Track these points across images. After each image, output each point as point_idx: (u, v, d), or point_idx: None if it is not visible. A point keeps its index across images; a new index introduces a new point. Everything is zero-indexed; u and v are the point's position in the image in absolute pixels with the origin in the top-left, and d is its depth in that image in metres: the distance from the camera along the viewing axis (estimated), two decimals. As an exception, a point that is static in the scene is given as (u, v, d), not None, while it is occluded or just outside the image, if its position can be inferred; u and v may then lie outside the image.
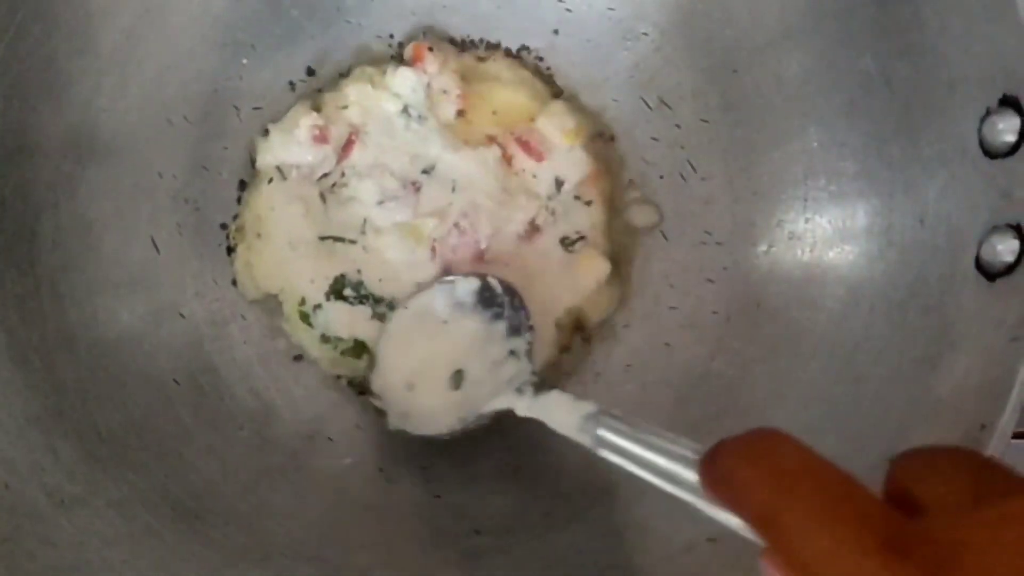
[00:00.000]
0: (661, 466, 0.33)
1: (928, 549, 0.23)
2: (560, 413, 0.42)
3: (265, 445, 0.51)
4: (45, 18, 0.47)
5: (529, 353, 0.49)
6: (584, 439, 0.39)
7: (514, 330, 0.50)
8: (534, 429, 0.53)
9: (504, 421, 0.52)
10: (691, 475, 0.30)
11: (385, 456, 0.52)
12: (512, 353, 0.50)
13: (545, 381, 0.47)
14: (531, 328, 0.50)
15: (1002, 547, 0.23)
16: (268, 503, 0.49)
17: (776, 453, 0.26)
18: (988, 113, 0.41)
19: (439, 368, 0.51)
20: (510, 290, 0.51)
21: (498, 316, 0.51)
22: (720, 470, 0.28)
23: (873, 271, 0.47)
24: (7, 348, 0.45)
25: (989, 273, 0.41)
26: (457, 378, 0.50)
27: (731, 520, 0.28)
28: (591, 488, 0.50)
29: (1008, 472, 0.26)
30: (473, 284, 0.52)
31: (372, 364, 0.53)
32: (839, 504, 0.24)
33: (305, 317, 0.53)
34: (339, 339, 0.53)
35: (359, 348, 0.54)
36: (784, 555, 0.25)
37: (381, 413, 0.51)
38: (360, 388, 0.54)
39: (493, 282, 0.51)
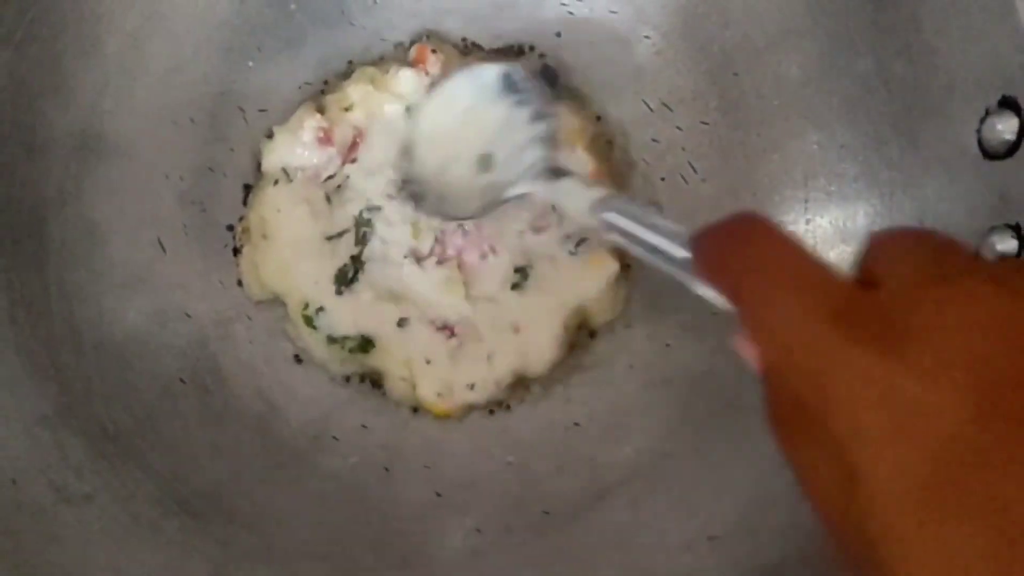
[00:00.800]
0: (659, 245, 0.35)
1: (879, 319, 0.24)
2: (573, 197, 0.44)
3: (270, 444, 0.52)
4: (53, 21, 0.48)
5: (551, 140, 0.50)
6: (592, 221, 0.41)
7: (537, 116, 0.51)
8: (535, 428, 0.53)
9: (505, 418, 0.52)
10: (683, 253, 0.33)
11: (390, 455, 0.53)
12: (535, 139, 0.50)
13: (560, 168, 0.48)
14: (554, 115, 0.51)
15: (952, 323, 0.23)
16: (273, 502, 0.49)
17: (752, 233, 0.28)
18: (987, 114, 0.41)
19: (468, 151, 0.52)
20: (533, 78, 0.52)
21: (523, 102, 0.51)
22: (703, 248, 0.31)
23: (873, 272, 0.47)
24: (15, 347, 0.46)
25: (988, 274, 0.41)
26: (485, 161, 0.51)
27: (716, 297, 0.30)
28: (592, 488, 0.50)
29: (968, 253, 0.27)
30: (496, 70, 0.52)
31: (407, 154, 0.53)
32: (799, 277, 0.26)
33: (309, 320, 0.54)
34: (345, 337, 0.54)
35: (366, 343, 0.54)
36: (748, 323, 0.27)
37: (416, 199, 0.52)
38: (373, 381, 0.54)
39: (514, 69, 0.52)
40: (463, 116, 0.52)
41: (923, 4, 0.44)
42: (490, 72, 0.52)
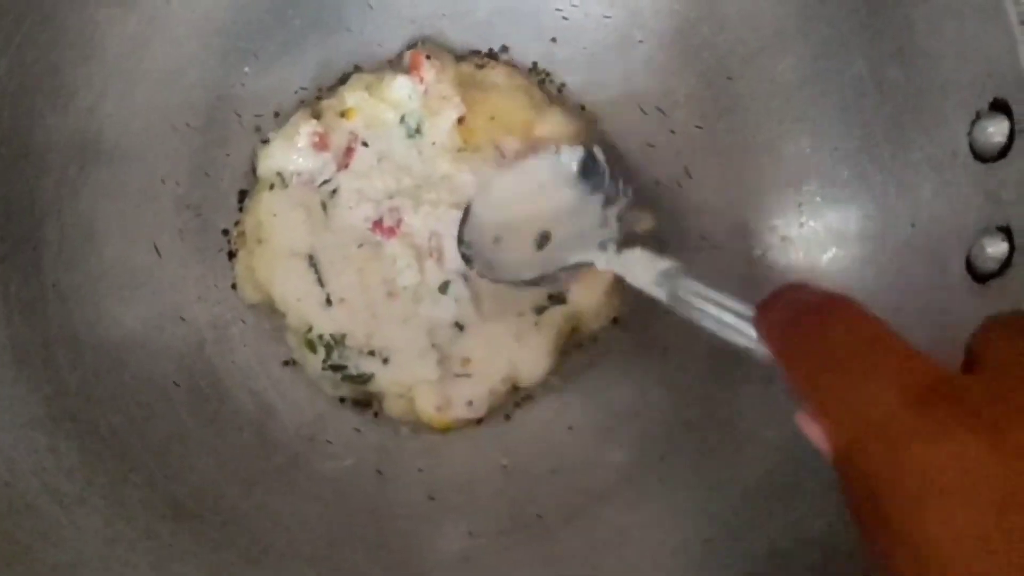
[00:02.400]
0: (726, 322, 0.36)
1: (970, 401, 0.22)
2: (639, 268, 0.44)
3: (265, 447, 0.52)
4: (51, 26, 0.48)
5: (620, 218, 0.50)
6: (660, 294, 0.42)
7: (609, 201, 0.51)
8: (529, 431, 0.53)
9: (499, 422, 0.52)
10: (752, 333, 0.33)
11: (383, 458, 0.53)
12: (604, 222, 0.50)
13: (628, 240, 0.48)
14: (628, 195, 0.51)
15: None
16: (267, 504, 0.49)
17: (829, 312, 0.27)
18: (978, 117, 0.41)
19: (527, 228, 0.52)
20: (611, 160, 0.52)
21: (597, 187, 0.52)
22: (773, 324, 0.30)
23: (865, 274, 0.47)
24: (11, 350, 0.46)
25: (979, 275, 0.41)
26: (543, 240, 0.51)
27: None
28: (586, 491, 0.50)
29: None
30: (578, 154, 0.52)
31: (465, 216, 0.53)
32: (883, 358, 0.24)
33: (311, 345, 0.54)
34: (344, 367, 0.54)
35: (364, 377, 0.54)
36: (820, 404, 0.25)
37: (467, 260, 0.52)
38: (364, 403, 0.55)
39: (597, 152, 0.52)
40: (532, 195, 0.53)
41: (916, 7, 0.44)
42: (571, 156, 0.52)
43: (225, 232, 0.55)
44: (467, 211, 0.53)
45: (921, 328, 0.43)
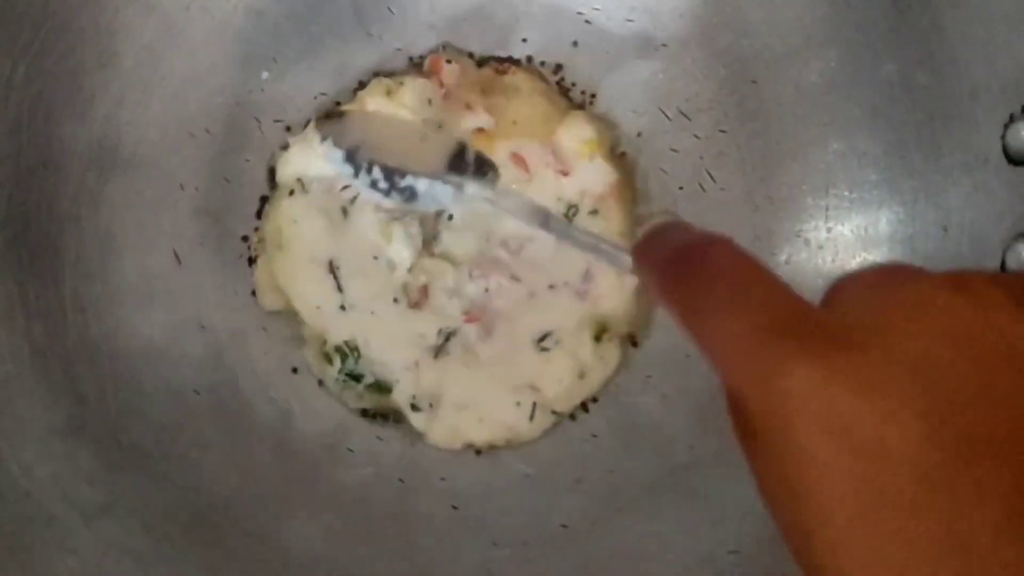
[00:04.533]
0: (604, 249, 0.37)
1: (826, 333, 0.22)
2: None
3: (285, 456, 0.51)
4: (69, 34, 0.48)
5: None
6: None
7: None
8: (552, 440, 0.53)
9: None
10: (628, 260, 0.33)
11: (405, 467, 0.52)
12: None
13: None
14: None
15: (900, 330, 0.22)
16: (287, 514, 0.49)
17: (696, 251, 0.27)
18: (1012, 120, 0.41)
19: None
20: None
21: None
22: (645, 258, 0.30)
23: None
24: (30, 359, 0.46)
25: (1014, 281, 0.40)
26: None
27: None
28: (610, 501, 0.50)
29: (936, 272, 0.25)
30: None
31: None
32: (745, 293, 0.24)
33: (328, 357, 0.54)
34: (361, 375, 0.54)
35: (383, 385, 0.54)
36: (699, 340, 0.25)
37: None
38: (385, 414, 0.54)
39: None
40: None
41: (945, 11, 0.44)
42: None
43: (245, 239, 0.55)
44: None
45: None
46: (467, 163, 0.49)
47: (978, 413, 0.21)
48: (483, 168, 0.49)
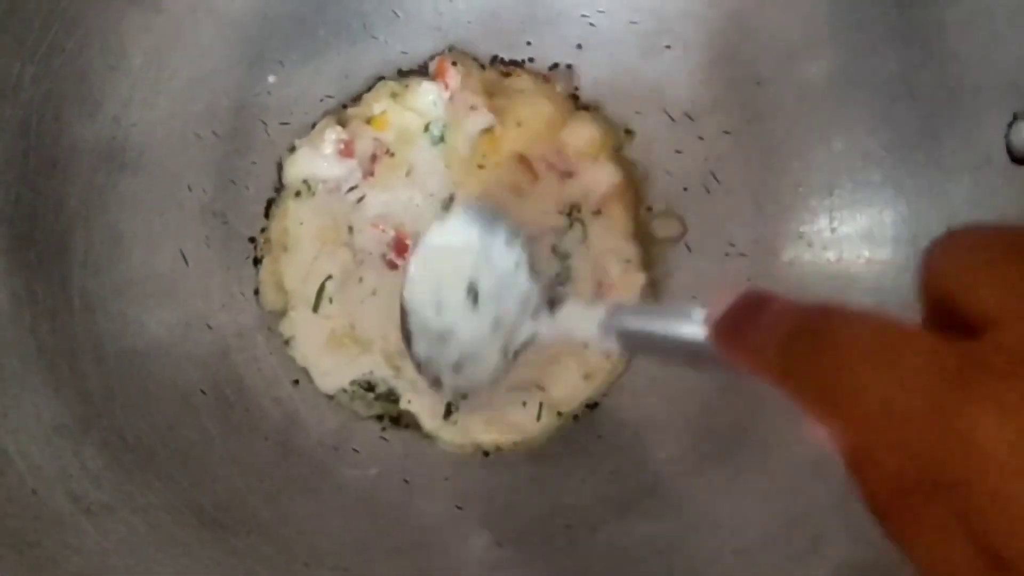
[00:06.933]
0: (681, 335, 0.31)
1: (1009, 368, 0.20)
2: (579, 323, 0.40)
3: (290, 455, 0.51)
4: (78, 35, 0.48)
5: (531, 266, 0.46)
6: (608, 343, 0.37)
7: (511, 239, 0.47)
8: (557, 440, 0.53)
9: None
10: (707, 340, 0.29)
11: (410, 466, 0.52)
12: (517, 265, 0.46)
13: (555, 297, 0.44)
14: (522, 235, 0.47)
15: None
16: (292, 512, 0.49)
17: (766, 307, 0.25)
18: (1015, 119, 0.41)
19: (457, 289, 0.47)
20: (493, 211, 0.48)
21: (491, 230, 0.47)
22: (726, 334, 0.28)
23: (900, 280, 0.47)
24: (37, 357, 0.46)
25: (1018, 280, 0.40)
26: (472, 291, 0.47)
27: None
28: (615, 500, 0.50)
29: None
30: (455, 216, 0.48)
31: (408, 341, 0.48)
32: (876, 342, 0.22)
33: None
34: (374, 385, 0.54)
35: (393, 394, 0.54)
36: (816, 406, 0.23)
37: (437, 383, 0.48)
38: (394, 418, 0.54)
39: (467, 208, 0.48)
40: (444, 260, 0.48)
41: (947, 11, 0.44)
42: (454, 219, 0.48)
43: (251, 239, 0.55)
44: (402, 309, 0.48)
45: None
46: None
47: None
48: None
